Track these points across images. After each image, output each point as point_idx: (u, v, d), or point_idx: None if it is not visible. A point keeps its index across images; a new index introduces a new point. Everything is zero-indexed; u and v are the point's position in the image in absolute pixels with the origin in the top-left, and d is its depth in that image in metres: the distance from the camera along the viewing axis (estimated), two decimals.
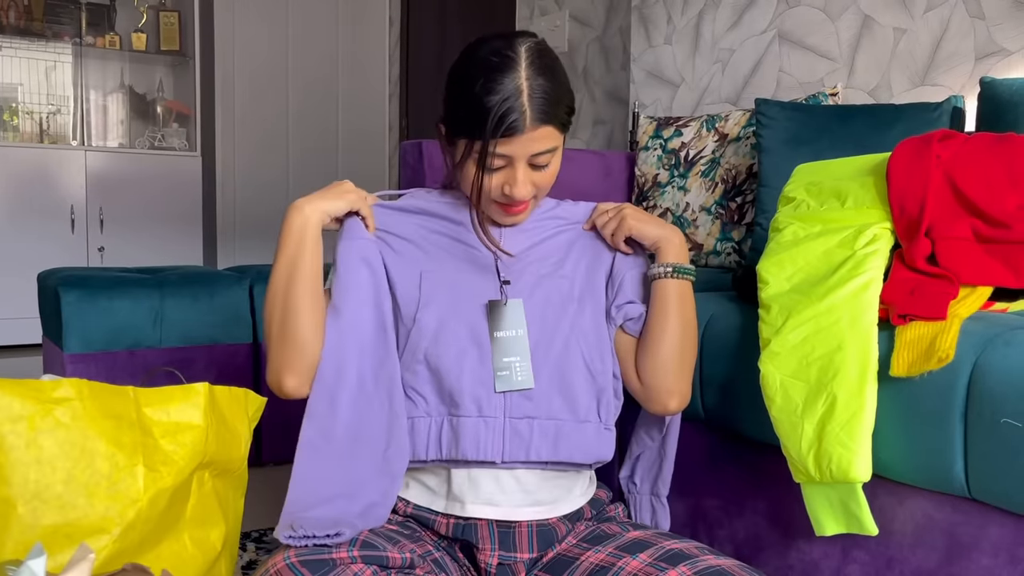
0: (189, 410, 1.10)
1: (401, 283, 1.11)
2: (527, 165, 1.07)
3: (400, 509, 1.12)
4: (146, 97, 4.47)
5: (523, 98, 1.02)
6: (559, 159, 1.11)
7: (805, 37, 2.37)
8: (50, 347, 2.19)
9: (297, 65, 4.69)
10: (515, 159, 1.05)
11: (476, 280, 1.12)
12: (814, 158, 1.86)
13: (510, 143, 1.04)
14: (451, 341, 1.07)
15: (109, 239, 4.08)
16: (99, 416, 1.04)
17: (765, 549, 1.30)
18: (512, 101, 1.02)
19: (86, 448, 1.02)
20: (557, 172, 1.12)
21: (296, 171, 4.72)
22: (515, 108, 1.02)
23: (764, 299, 1.21)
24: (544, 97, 1.04)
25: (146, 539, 1.06)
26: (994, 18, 1.95)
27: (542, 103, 1.03)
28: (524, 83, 1.03)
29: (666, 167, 2.30)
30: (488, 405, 1.06)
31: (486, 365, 1.07)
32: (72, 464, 1.01)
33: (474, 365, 1.07)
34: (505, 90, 1.02)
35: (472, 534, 1.07)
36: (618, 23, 3.23)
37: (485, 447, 1.05)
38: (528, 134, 1.03)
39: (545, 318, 1.10)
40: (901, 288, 1.11)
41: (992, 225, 1.17)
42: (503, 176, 1.07)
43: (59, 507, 0.99)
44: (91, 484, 1.01)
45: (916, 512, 1.10)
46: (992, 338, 1.01)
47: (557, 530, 1.10)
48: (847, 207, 1.28)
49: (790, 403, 1.09)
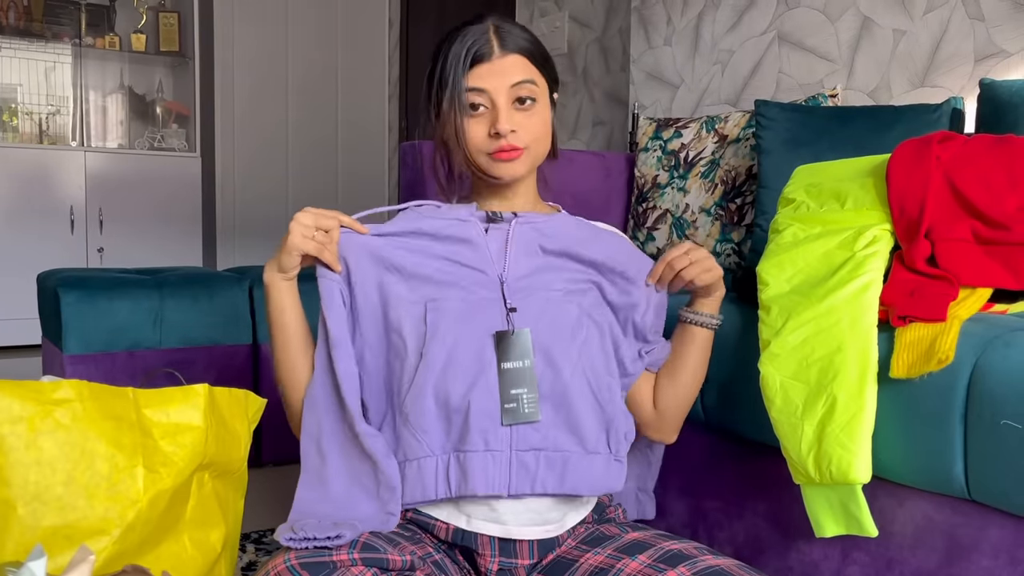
0: (189, 411, 1.10)
1: (406, 316, 1.06)
2: (509, 102, 1.07)
3: (401, 513, 1.12)
4: (146, 98, 4.47)
5: (489, 34, 1.07)
6: (546, 106, 1.11)
7: (805, 38, 2.37)
8: (49, 348, 2.19)
9: (297, 66, 4.69)
10: (493, 93, 1.07)
11: (483, 307, 1.07)
12: (814, 159, 1.86)
13: (481, 74, 1.06)
14: (459, 374, 1.02)
15: (109, 240, 4.08)
16: (99, 417, 1.04)
17: (765, 550, 1.30)
18: (478, 36, 1.07)
19: (86, 449, 1.02)
20: (548, 123, 1.12)
21: (295, 172, 4.72)
22: (480, 40, 1.07)
23: (764, 300, 1.21)
24: (513, 31, 1.08)
25: (146, 540, 1.06)
26: (994, 20, 1.95)
27: (509, 34, 1.08)
28: (491, 26, 1.08)
29: (666, 168, 2.30)
30: (495, 438, 1.02)
31: (493, 397, 1.02)
32: (72, 465, 1.01)
33: (482, 397, 1.02)
34: (471, 33, 1.08)
35: (472, 541, 1.06)
36: (618, 24, 3.23)
37: (492, 481, 1.02)
38: (498, 62, 1.06)
39: (552, 346, 1.06)
40: (901, 290, 1.11)
41: (992, 227, 1.17)
42: (487, 119, 1.08)
43: (59, 508, 0.99)
44: (91, 485, 1.01)
45: (916, 514, 1.10)
46: (992, 339, 1.01)
47: (559, 537, 1.10)
48: (847, 208, 1.28)
49: (790, 404, 1.09)
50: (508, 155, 1.08)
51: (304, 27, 4.68)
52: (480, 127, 1.08)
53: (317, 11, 4.71)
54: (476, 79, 1.06)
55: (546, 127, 1.11)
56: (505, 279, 1.09)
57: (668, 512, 1.48)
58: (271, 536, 1.67)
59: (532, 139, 1.10)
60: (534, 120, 1.09)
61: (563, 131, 3.51)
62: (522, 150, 1.09)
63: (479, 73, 1.06)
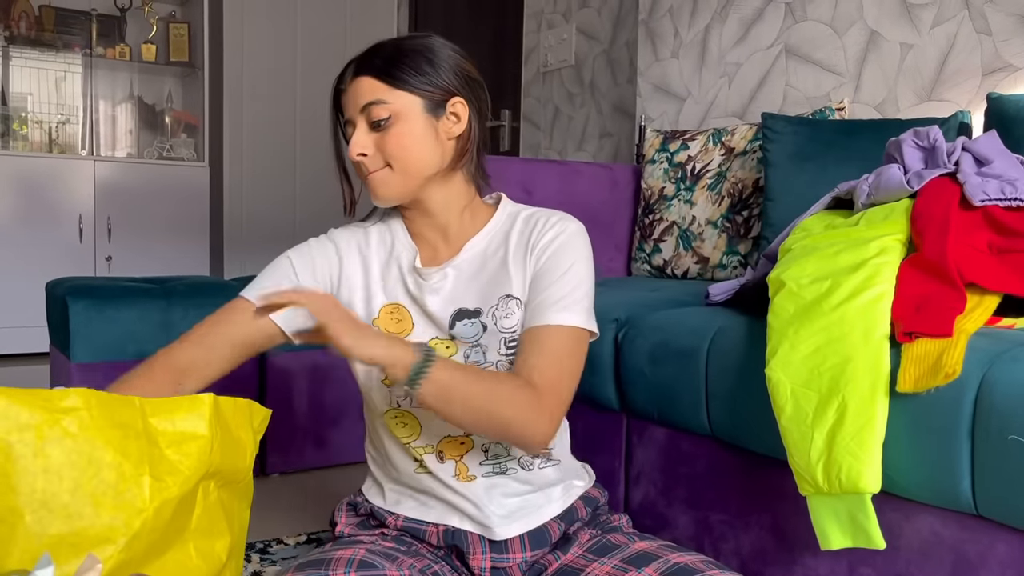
0: (194, 420, 1.10)
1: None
2: (365, 125, 1.08)
3: (391, 523, 1.13)
4: (155, 107, 4.50)
5: (353, 62, 1.09)
6: (411, 124, 1.07)
7: (812, 52, 2.38)
8: (57, 356, 2.20)
9: (305, 76, 4.71)
10: (353, 119, 1.08)
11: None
12: (820, 172, 1.87)
13: (345, 102, 1.09)
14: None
15: (117, 248, 4.09)
16: (106, 426, 1.04)
17: (771, 564, 1.30)
18: (345, 66, 1.10)
19: (93, 457, 1.02)
20: (419, 137, 1.07)
21: (303, 182, 4.74)
22: (345, 70, 1.10)
23: (775, 307, 1.21)
24: (367, 52, 1.09)
25: (151, 549, 1.06)
26: (1001, 34, 1.95)
27: (363, 56, 1.08)
28: (364, 52, 1.10)
29: (672, 180, 2.30)
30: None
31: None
32: (79, 473, 1.01)
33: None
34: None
35: (462, 540, 1.09)
36: (625, 37, 3.24)
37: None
38: (351, 88, 1.08)
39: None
40: (907, 305, 1.11)
41: (1007, 235, 1.17)
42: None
43: (66, 516, 1.00)
44: (97, 493, 1.01)
45: (923, 529, 1.10)
46: (1000, 354, 1.00)
47: (549, 530, 1.11)
48: (859, 226, 1.28)
49: (800, 412, 1.09)
50: (368, 177, 1.10)
51: (313, 37, 4.71)
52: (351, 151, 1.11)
53: (326, 22, 4.74)
54: (344, 108, 1.10)
55: (411, 142, 1.07)
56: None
57: (673, 524, 1.48)
58: (276, 546, 1.67)
59: (392, 158, 1.07)
60: (390, 138, 1.06)
61: (570, 143, 3.52)
62: (381, 170, 1.08)
63: (344, 102, 1.10)
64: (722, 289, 1.55)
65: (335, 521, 1.21)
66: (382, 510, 1.16)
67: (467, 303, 1.10)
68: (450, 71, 1.08)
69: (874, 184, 1.35)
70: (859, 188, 1.37)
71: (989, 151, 1.29)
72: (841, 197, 1.45)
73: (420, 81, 1.07)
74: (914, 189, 1.28)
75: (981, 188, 1.21)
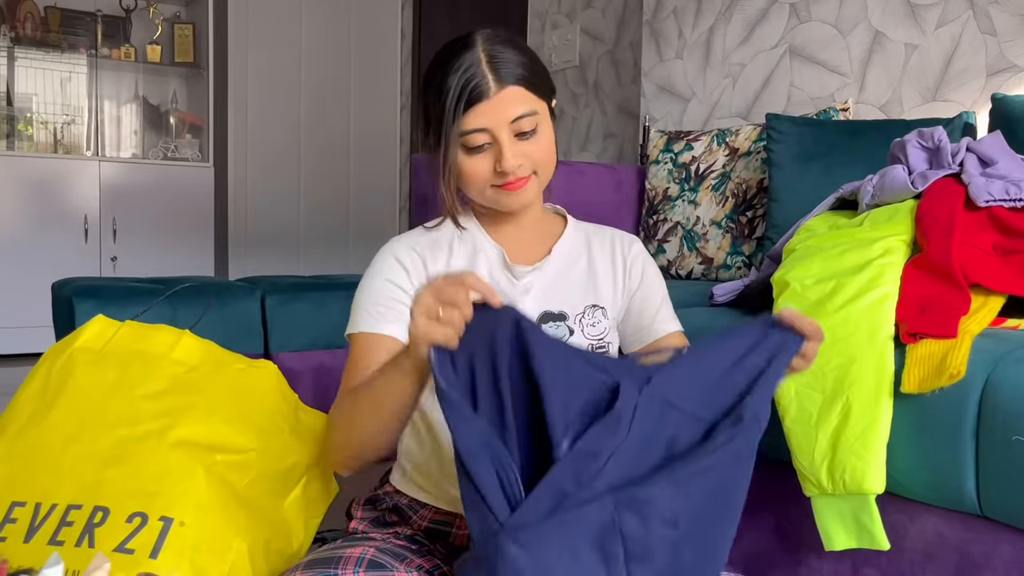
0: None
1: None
2: (512, 136, 1.02)
3: (415, 523, 1.11)
4: (160, 108, 4.51)
5: (483, 66, 1.00)
6: (548, 128, 1.06)
7: (816, 52, 2.38)
8: None
9: (309, 77, 4.72)
10: (495, 130, 1.01)
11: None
12: (825, 173, 1.87)
13: (481, 112, 1.00)
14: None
15: (122, 249, 4.10)
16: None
17: (775, 564, 1.30)
18: (473, 70, 1.00)
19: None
20: (552, 142, 1.07)
21: (308, 182, 4.75)
22: (476, 75, 1.00)
23: (779, 308, 1.21)
24: (506, 59, 1.02)
25: (261, 495, 1.15)
26: (1006, 34, 1.95)
27: (504, 63, 1.01)
28: (482, 54, 1.01)
29: (676, 181, 2.30)
30: None
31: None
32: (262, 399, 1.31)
33: None
34: (464, 64, 1.01)
35: (452, 521, 1.08)
36: (629, 37, 3.25)
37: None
38: (496, 97, 1.00)
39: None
40: (911, 306, 1.11)
41: (1011, 236, 1.17)
42: (491, 155, 1.03)
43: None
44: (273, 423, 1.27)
45: (927, 529, 1.10)
46: (1004, 355, 1.00)
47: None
48: (864, 227, 1.28)
49: (804, 413, 1.09)
50: (515, 186, 1.06)
51: (317, 39, 4.72)
52: (484, 164, 1.04)
53: (330, 23, 4.74)
54: (475, 119, 1.00)
55: (551, 147, 1.07)
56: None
57: None
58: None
59: (538, 165, 1.06)
60: (538, 146, 1.05)
61: (574, 143, 3.52)
62: (529, 177, 1.07)
63: (478, 112, 1.00)
64: (726, 290, 1.56)
65: (352, 514, 1.18)
66: (414, 502, 1.11)
67: (551, 306, 1.10)
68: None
69: (878, 185, 1.35)
70: (863, 189, 1.38)
71: (993, 152, 1.29)
72: (845, 198, 1.46)
73: (548, 86, 1.07)
74: (918, 190, 1.28)
75: (986, 189, 1.21)
